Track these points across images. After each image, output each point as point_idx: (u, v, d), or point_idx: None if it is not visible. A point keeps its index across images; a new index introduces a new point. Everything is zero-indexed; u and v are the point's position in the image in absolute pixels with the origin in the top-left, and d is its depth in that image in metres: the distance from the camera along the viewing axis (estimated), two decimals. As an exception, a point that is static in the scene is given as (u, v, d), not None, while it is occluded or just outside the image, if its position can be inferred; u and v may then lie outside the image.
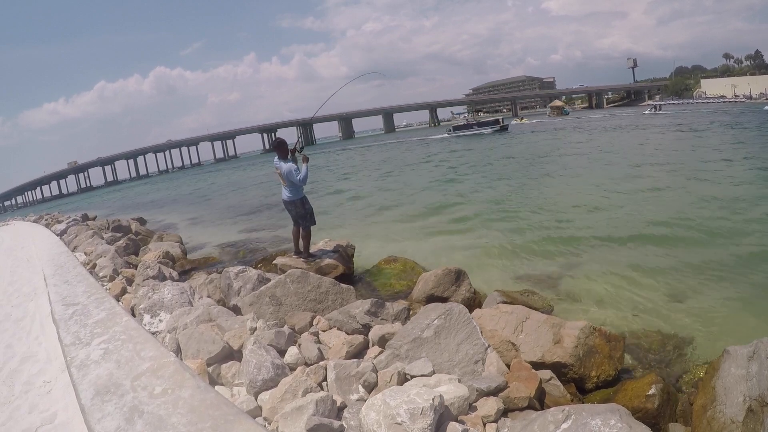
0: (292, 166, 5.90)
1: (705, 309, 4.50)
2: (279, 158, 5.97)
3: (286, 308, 4.50)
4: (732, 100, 71.12)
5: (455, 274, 5.06)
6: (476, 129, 55.23)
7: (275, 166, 6.02)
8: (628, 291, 5.11)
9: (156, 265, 6.36)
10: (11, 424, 2.67)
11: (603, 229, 7.75)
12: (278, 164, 5.96)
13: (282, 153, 5.95)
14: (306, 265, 5.91)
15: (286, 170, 5.86)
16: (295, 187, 6.02)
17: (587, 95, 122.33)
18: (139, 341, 3.44)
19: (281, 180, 6.05)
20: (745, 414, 2.39)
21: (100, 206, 36.21)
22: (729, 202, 8.72)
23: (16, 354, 3.72)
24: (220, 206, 19.90)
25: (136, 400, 2.59)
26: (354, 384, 2.86)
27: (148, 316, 4.52)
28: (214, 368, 3.25)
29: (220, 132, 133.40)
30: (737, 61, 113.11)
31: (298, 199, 6.07)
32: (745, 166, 12.82)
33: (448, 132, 59.59)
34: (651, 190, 10.69)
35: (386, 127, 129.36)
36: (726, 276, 5.24)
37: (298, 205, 6.10)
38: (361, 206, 14.13)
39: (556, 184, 13.48)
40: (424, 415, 2.17)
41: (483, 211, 10.71)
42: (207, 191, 31.22)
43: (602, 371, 3.28)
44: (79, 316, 4.27)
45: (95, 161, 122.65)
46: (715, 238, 6.68)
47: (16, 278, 6.83)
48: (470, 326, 3.29)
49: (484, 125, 55.84)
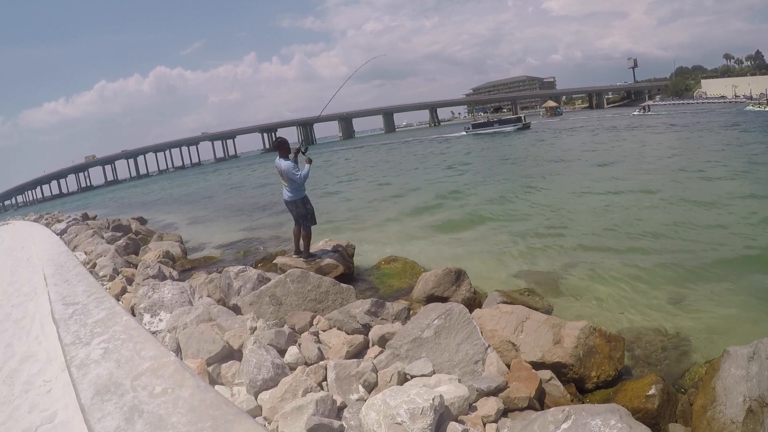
0: (290, 164, 5.94)
1: (705, 309, 4.50)
2: (279, 157, 6.00)
3: (286, 308, 4.50)
4: (732, 101, 71.11)
5: (455, 274, 5.06)
6: (497, 127, 52.59)
7: (276, 165, 6.06)
8: (628, 291, 5.11)
9: (156, 264, 6.36)
10: (11, 424, 2.67)
11: (603, 230, 7.75)
12: (278, 163, 5.99)
13: (283, 152, 5.99)
14: (306, 265, 5.92)
15: (285, 167, 5.91)
16: (297, 187, 6.04)
17: (587, 95, 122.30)
18: (139, 341, 3.44)
19: (282, 179, 6.07)
20: (745, 414, 2.39)
21: (100, 206, 36.21)
22: (729, 202, 8.73)
23: (16, 353, 3.72)
24: (220, 206, 19.91)
25: (136, 399, 2.59)
26: (354, 384, 2.86)
27: (148, 316, 4.52)
28: (214, 368, 3.25)
29: (221, 132, 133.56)
30: (738, 62, 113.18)
31: (299, 198, 6.10)
32: (744, 167, 12.83)
33: (467, 130, 57.25)
34: (651, 191, 10.69)
35: (386, 127, 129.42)
36: (726, 276, 5.24)
37: (299, 205, 6.12)
38: (362, 206, 14.13)
39: (558, 184, 13.48)
40: (424, 415, 2.17)
41: (484, 211, 10.70)
42: (207, 191, 31.23)
43: (602, 371, 3.28)
44: (79, 315, 4.27)
45: (119, 154, 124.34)
46: (714, 239, 6.67)
47: (16, 278, 6.83)
48: (470, 326, 3.29)
49: (505, 123, 52.92)
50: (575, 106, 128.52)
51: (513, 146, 31.33)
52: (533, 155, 23.68)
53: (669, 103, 78.79)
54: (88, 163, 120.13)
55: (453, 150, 35.57)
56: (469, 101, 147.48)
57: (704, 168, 13.17)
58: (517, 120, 52.12)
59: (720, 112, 46.60)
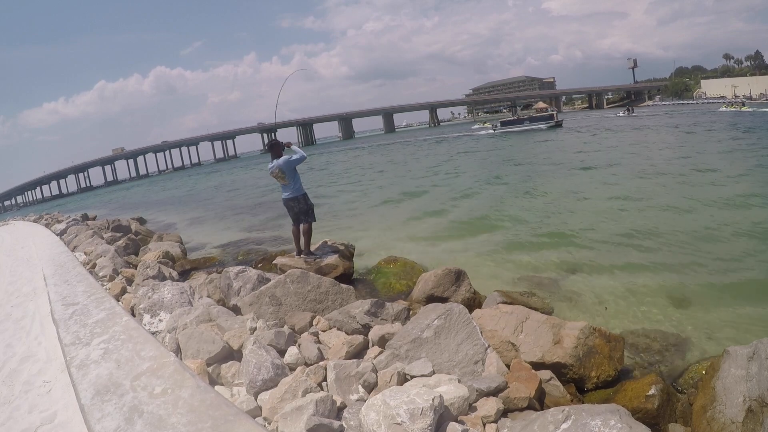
0: (285, 157, 6.00)
1: (705, 309, 4.50)
2: (273, 158, 6.06)
3: (285, 308, 4.50)
4: (732, 101, 71.18)
5: (455, 274, 5.05)
6: (528, 124, 49.78)
7: (269, 169, 6.09)
8: (628, 291, 5.11)
9: (156, 264, 6.37)
10: (11, 424, 2.67)
11: (603, 230, 7.76)
12: (274, 164, 6.03)
13: (276, 153, 6.05)
14: (306, 265, 5.92)
15: (283, 161, 5.95)
16: (297, 184, 6.11)
17: (587, 96, 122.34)
18: (139, 341, 3.44)
19: (280, 180, 6.09)
20: (745, 414, 2.39)
21: (100, 206, 36.20)
22: (728, 203, 8.73)
23: (16, 354, 3.72)
24: (220, 206, 19.90)
25: (135, 400, 2.59)
26: (354, 384, 2.86)
27: (148, 316, 4.52)
28: (214, 368, 3.25)
29: (220, 132, 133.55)
30: (737, 62, 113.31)
31: (300, 195, 6.16)
32: (741, 169, 12.84)
33: (494, 127, 54.00)
34: (652, 192, 10.70)
35: (386, 128, 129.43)
36: (726, 276, 5.25)
37: (301, 201, 6.16)
38: (362, 207, 14.13)
39: (561, 184, 13.49)
40: (424, 415, 2.17)
41: (484, 211, 10.71)
42: (207, 191, 31.22)
43: (602, 371, 3.28)
44: (79, 315, 4.27)
45: (150, 147, 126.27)
46: (714, 239, 6.68)
47: (16, 278, 6.83)
48: (470, 326, 3.29)
49: (537, 120, 49.84)
50: (575, 107, 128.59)
51: (546, 145, 29.10)
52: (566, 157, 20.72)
53: (659, 104, 79.05)
54: (130, 152, 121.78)
55: (482, 146, 34.11)
56: (469, 101, 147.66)
57: (704, 169, 13.18)
58: (549, 117, 49.38)
59: (697, 113, 47.34)
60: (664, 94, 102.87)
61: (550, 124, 47.73)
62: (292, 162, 5.94)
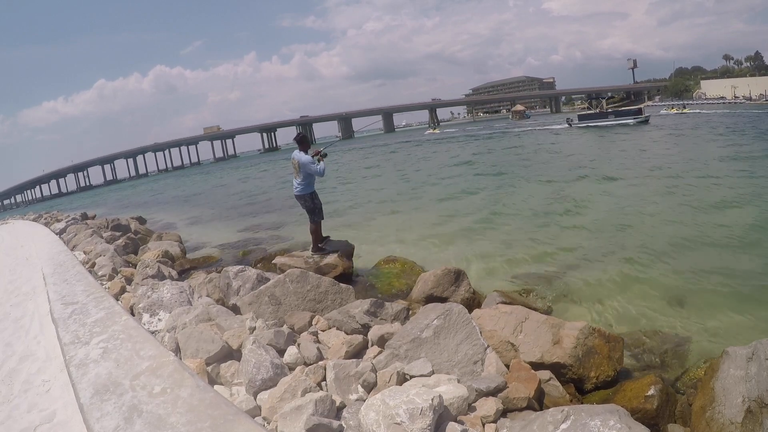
0: (309, 157, 6.13)
1: (704, 310, 4.51)
2: (299, 150, 6.17)
3: (285, 308, 4.50)
4: (732, 101, 71.21)
5: (455, 274, 5.06)
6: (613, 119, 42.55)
7: (293, 157, 6.22)
8: (627, 292, 5.11)
9: (155, 264, 6.36)
10: (10, 423, 2.67)
11: (603, 231, 7.76)
12: (297, 155, 6.15)
13: (303, 146, 6.20)
14: (305, 265, 5.94)
15: (305, 160, 6.09)
16: (307, 181, 6.24)
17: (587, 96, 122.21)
18: (138, 340, 3.44)
19: (296, 172, 6.24)
20: (744, 415, 2.39)
21: (100, 205, 36.17)
22: (727, 204, 8.74)
23: (15, 353, 3.71)
24: (219, 206, 19.89)
25: (135, 399, 2.59)
26: (353, 384, 2.86)
27: (148, 315, 4.51)
28: (213, 367, 3.25)
29: (220, 131, 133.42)
30: (737, 63, 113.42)
31: (308, 193, 6.30)
32: (740, 170, 12.84)
33: (570, 123, 46.98)
34: (651, 193, 10.70)
35: (386, 127, 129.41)
36: (725, 277, 5.24)
37: (308, 199, 6.32)
38: (362, 206, 14.13)
39: (563, 184, 13.48)
40: (424, 415, 2.17)
41: (484, 211, 10.70)
42: (206, 191, 31.19)
43: (601, 372, 3.28)
44: (78, 315, 4.26)
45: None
46: (714, 240, 6.68)
47: (16, 277, 6.82)
48: (469, 326, 3.29)
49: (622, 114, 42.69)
50: (575, 107, 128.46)
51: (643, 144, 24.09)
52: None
53: (659, 105, 79.13)
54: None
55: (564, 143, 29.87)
56: (469, 101, 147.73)
57: (704, 171, 13.17)
58: (637, 112, 42.29)
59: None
60: (664, 94, 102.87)
61: (639, 119, 40.84)
62: (308, 167, 6.09)
